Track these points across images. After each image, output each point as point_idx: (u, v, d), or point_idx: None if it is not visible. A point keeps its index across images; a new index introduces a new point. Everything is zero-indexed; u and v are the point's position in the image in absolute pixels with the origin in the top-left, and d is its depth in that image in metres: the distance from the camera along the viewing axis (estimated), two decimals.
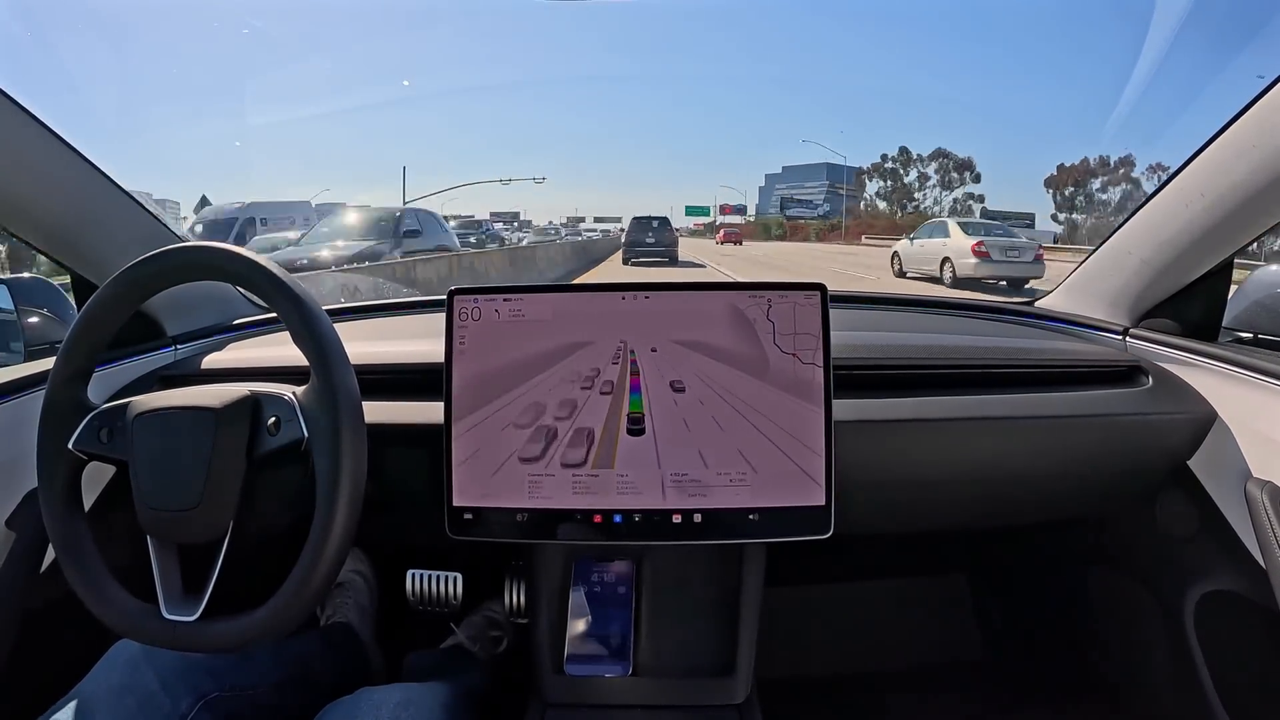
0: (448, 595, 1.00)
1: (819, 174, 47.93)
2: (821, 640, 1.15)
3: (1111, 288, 0.88)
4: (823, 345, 0.62)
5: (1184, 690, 0.80)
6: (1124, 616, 0.93)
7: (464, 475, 0.62)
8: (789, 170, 51.79)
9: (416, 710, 0.59)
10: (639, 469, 0.62)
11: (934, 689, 1.08)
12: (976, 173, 38.28)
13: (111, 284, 0.58)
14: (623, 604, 0.69)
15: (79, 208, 0.77)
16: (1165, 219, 0.77)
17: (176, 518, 0.53)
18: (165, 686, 0.59)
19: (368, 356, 0.71)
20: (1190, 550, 0.79)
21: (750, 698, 0.68)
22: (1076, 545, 1.01)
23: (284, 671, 0.70)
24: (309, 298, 0.55)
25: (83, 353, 0.58)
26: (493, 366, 0.63)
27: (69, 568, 0.56)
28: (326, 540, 0.51)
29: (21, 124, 0.68)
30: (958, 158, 39.23)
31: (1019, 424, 0.73)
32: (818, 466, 0.61)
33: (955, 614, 1.21)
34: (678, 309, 0.63)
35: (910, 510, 0.83)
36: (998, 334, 0.91)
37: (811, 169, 49.23)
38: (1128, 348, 0.85)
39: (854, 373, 0.73)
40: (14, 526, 0.67)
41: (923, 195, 40.32)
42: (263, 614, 0.52)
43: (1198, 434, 0.74)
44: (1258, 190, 0.67)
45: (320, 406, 0.53)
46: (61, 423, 0.57)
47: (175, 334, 0.88)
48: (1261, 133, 0.64)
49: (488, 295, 0.64)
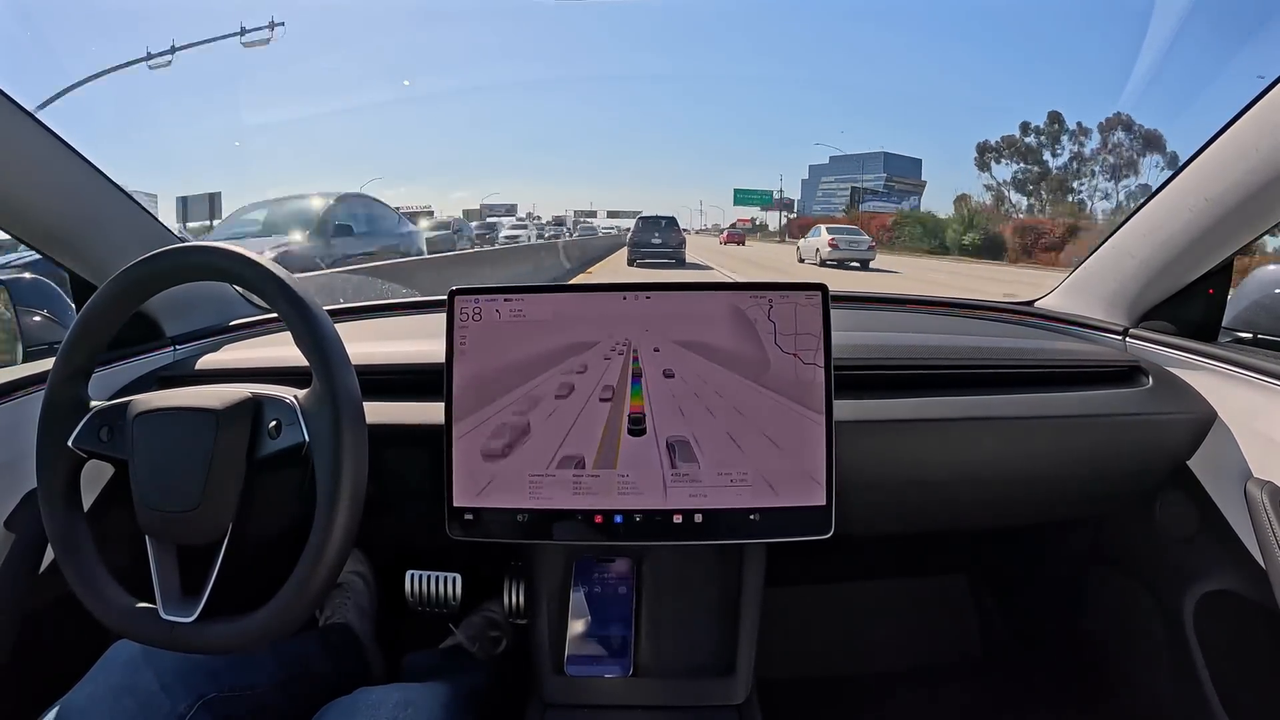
0: (447, 596, 1.00)
1: (875, 164, 35.32)
2: (821, 640, 1.15)
3: (1111, 288, 0.88)
4: (824, 345, 0.62)
5: (1184, 690, 0.80)
6: (1124, 616, 0.93)
7: (464, 476, 0.62)
8: (838, 161, 37.94)
9: (415, 711, 0.59)
10: (640, 469, 0.62)
11: (934, 689, 1.08)
12: (1170, 152, 21.46)
13: (111, 284, 0.58)
14: (623, 604, 0.69)
15: (78, 208, 0.77)
16: (1165, 219, 0.77)
17: (175, 518, 0.53)
18: (164, 687, 0.58)
19: (368, 356, 0.71)
20: (1190, 550, 0.79)
21: (750, 698, 0.68)
22: (1076, 545, 1.01)
23: (283, 672, 0.70)
24: (310, 299, 0.55)
25: (83, 352, 0.58)
26: (493, 367, 0.63)
27: (67, 566, 0.55)
28: (325, 545, 0.51)
29: (21, 124, 0.68)
30: (1143, 130, 23.01)
31: (1019, 424, 0.73)
32: (818, 466, 0.61)
33: (955, 614, 1.21)
34: (679, 309, 0.63)
35: (910, 510, 0.83)
36: (998, 334, 0.91)
37: (868, 158, 36.01)
38: (1127, 348, 0.85)
39: (854, 373, 0.73)
40: (13, 527, 0.67)
41: (1083, 184, 24.54)
42: (261, 617, 0.52)
43: (1197, 434, 0.75)
44: (1257, 190, 0.67)
45: (322, 411, 0.53)
46: (61, 420, 0.57)
47: (174, 334, 0.88)
48: (1261, 133, 0.65)
49: (489, 295, 0.64)
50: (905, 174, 33.88)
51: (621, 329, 0.63)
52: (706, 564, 0.72)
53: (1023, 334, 0.92)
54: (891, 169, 34.49)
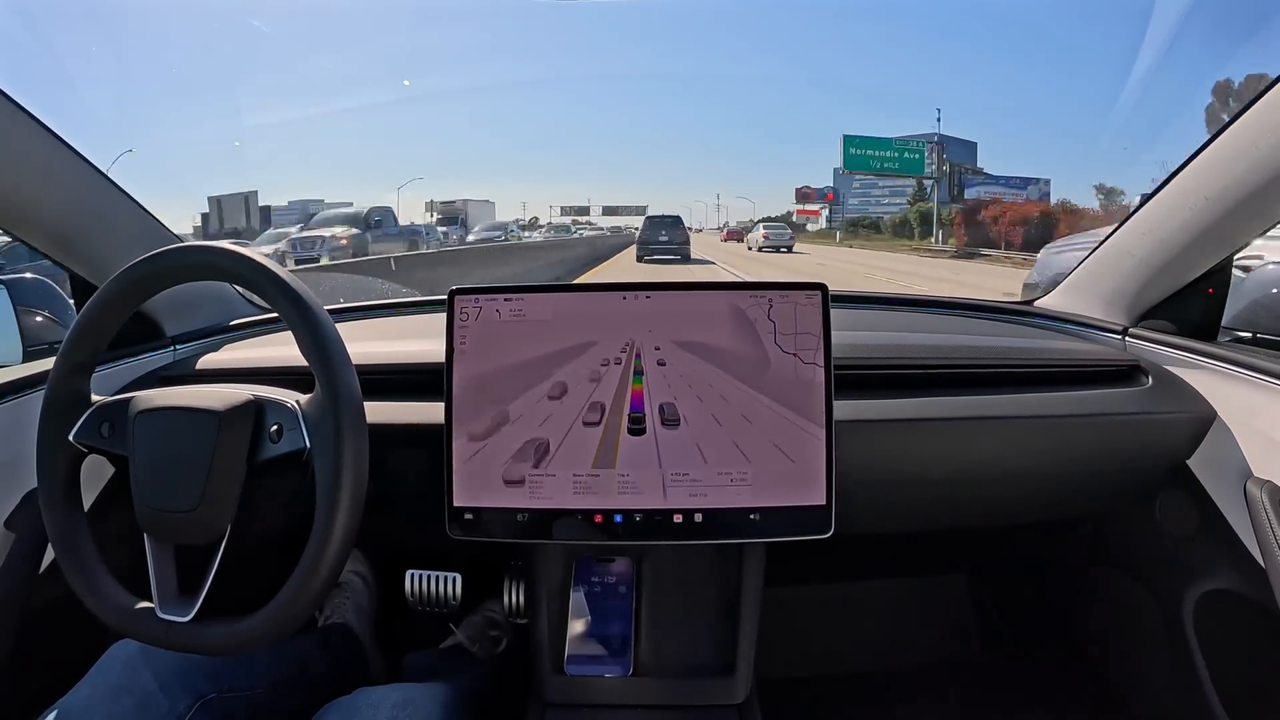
0: (447, 595, 1.00)
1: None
2: (821, 640, 1.15)
3: (1111, 287, 0.88)
4: (824, 345, 0.62)
5: (1184, 690, 0.80)
6: (1124, 616, 0.93)
7: (464, 475, 0.62)
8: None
9: (414, 710, 0.59)
10: (640, 469, 0.62)
11: (934, 688, 1.08)
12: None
13: (113, 282, 0.58)
14: (623, 604, 0.69)
15: (78, 208, 0.77)
16: (1165, 218, 0.78)
17: (174, 518, 0.53)
18: (163, 687, 0.58)
19: (368, 356, 0.71)
20: (1190, 550, 0.79)
21: (750, 698, 0.68)
22: (1076, 545, 1.01)
23: (282, 672, 0.70)
24: (312, 299, 0.55)
25: (84, 349, 0.58)
26: (493, 366, 0.63)
27: (65, 561, 0.55)
28: (324, 550, 0.51)
29: (21, 124, 0.68)
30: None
31: (1019, 424, 0.73)
32: (818, 466, 0.61)
33: (955, 614, 1.21)
34: (679, 309, 0.63)
35: (910, 510, 0.83)
36: (998, 334, 0.91)
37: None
38: (1127, 347, 0.85)
39: (854, 373, 0.73)
40: (13, 527, 0.67)
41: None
42: (258, 620, 0.52)
43: (1197, 433, 0.75)
44: (1257, 190, 0.67)
45: (323, 417, 0.53)
46: (62, 414, 0.57)
47: (174, 334, 0.88)
48: (1261, 133, 0.65)
49: (489, 295, 0.64)
50: (963, 160, 26.48)
51: (622, 329, 0.63)
52: (707, 563, 0.72)
53: (1022, 333, 0.92)
54: (951, 155, 26.13)
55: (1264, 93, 0.63)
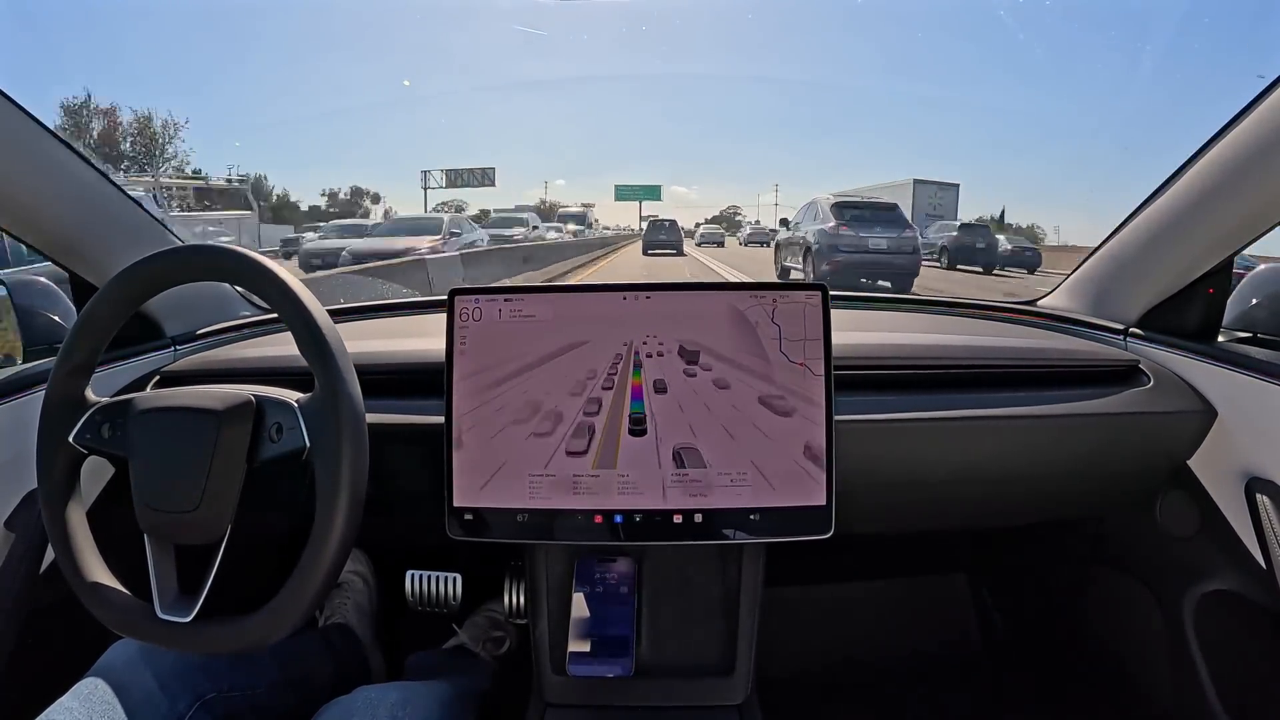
0: (447, 596, 1.00)
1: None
2: (821, 640, 1.15)
3: (1111, 287, 0.88)
4: (824, 345, 0.62)
5: (1184, 690, 0.80)
6: (1124, 616, 0.93)
7: (464, 475, 0.62)
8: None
9: (414, 709, 0.59)
10: (640, 469, 0.62)
11: (934, 688, 1.08)
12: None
13: (113, 282, 0.58)
14: (624, 604, 0.69)
15: (79, 208, 0.77)
16: (1165, 219, 0.78)
17: (174, 519, 0.53)
18: (163, 687, 0.58)
19: (368, 356, 0.71)
20: (1190, 550, 0.79)
21: (750, 698, 0.68)
22: (1076, 545, 1.01)
23: (282, 672, 0.70)
24: (312, 300, 0.55)
25: (84, 349, 0.58)
26: (493, 366, 0.63)
27: (65, 562, 0.55)
28: (323, 550, 0.51)
29: (22, 125, 0.68)
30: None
31: (1019, 424, 0.73)
32: (818, 466, 0.61)
33: (955, 614, 1.21)
34: (679, 309, 0.63)
35: (910, 510, 0.83)
36: (998, 334, 0.91)
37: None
38: (1128, 347, 0.85)
39: (854, 373, 0.73)
40: (14, 527, 0.67)
41: None
42: (257, 620, 0.52)
43: (1198, 433, 0.74)
44: (1258, 190, 0.67)
45: (323, 416, 0.53)
46: (63, 416, 0.57)
47: (174, 334, 0.88)
48: (1262, 133, 0.65)
49: (489, 295, 0.64)
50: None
51: (622, 328, 0.63)
52: (707, 564, 0.72)
53: (1023, 334, 0.92)
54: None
55: (1264, 93, 0.63)
